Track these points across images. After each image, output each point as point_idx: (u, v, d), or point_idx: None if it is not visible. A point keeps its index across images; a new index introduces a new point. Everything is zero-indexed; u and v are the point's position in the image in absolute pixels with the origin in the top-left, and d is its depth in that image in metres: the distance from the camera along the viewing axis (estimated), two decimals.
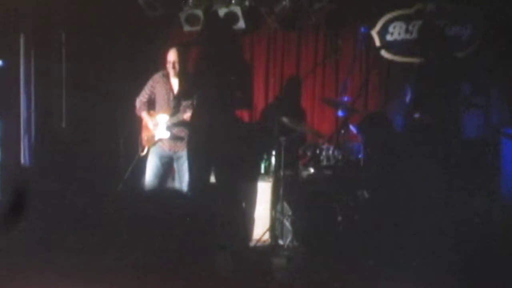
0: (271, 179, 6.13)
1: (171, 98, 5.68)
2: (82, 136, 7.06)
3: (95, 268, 4.74)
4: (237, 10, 6.84)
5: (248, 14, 6.90)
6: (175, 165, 5.73)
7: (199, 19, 6.99)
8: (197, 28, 7.05)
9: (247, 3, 6.87)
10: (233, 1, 6.86)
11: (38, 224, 5.75)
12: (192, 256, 5.36)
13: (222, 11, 6.89)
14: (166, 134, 5.65)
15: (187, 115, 5.48)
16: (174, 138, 5.65)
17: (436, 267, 4.72)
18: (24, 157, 7.00)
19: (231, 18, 6.82)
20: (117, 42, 6.88)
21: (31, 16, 6.72)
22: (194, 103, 5.19)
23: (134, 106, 5.94)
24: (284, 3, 6.67)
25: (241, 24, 6.89)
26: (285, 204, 5.92)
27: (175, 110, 5.63)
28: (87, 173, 6.84)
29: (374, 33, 6.64)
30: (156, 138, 5.70)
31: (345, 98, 6.28)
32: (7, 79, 6.86)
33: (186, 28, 7.09)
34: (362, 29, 6.57)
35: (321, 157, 6.03)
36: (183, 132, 5.64)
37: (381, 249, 5.14)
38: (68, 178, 7.01)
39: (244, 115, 7.10)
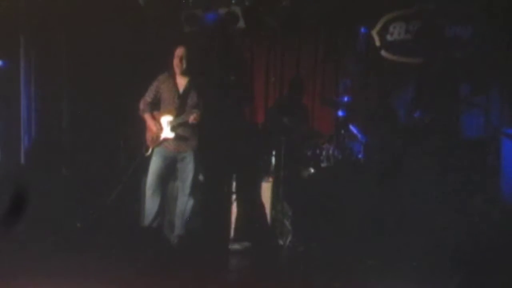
0: (271, 179, 6.13)
1: (177, 98, 5.67)
2: (82, 136, 7.06)
3: (96, 268, 4.75)
4: (237, 10, 6.84)
5: (248, 14, 6.90)
6: (178, 166, 5.71)
7: (199, 19, 6.99)
8: (197, 28, 7.05)
9: (247, 3, 6.87)
10: (233, 1, 6.86)
11: (38, 224, 5.75)
12: (193, 256, 5.38)
13: (222, 11, 6.89)
14: (171, 135, 5.64)
15: (193, 117, 5.47)
16: (179, 138, 5.64)
17: (436, 267, 4.72)
18: (24, 157, 7.01)
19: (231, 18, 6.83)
20: (117, 42, 6.87)
21: (31, 16, 6.71)
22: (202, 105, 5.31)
23: (135, 107, 5.92)
24: (284, 3, 6.67)
25: (241, 24, 6.89)
26: (285, 204, 5.92)
27: (180, 110, 5.62)
28: (87, 174, 6.84)
29: (374, 33, 6.64)
30: (161, 139, 5.68)
31: (345, 98, 6.28)
32: (7, 79, 6.86)
33: (186, 28, 7.09)
34: (362, 29, 6.57)
35: (321, 157, 6.04)
36: (187, 133, 5.63)
37: (381, 249, 5.15)
38: (68, 178, 7.02)
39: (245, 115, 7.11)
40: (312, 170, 6.08)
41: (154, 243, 5.35)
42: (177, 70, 5.67)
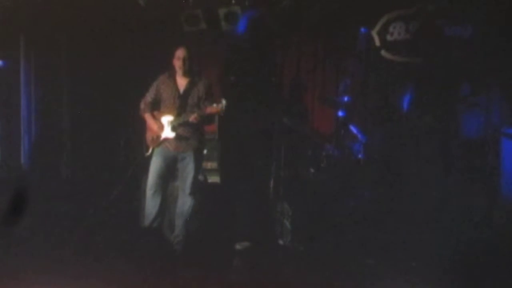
0: (271, 179, 6.13)
1: (177, 98, 5.67)
2: (82, 136, 7.07)
3: (95, 268, 4.75)
4: (237, 10, 6.84)
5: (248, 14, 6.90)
6: (178, 166, 5.71)
7: (199, 19, 6.99)
8: (197, 28, 7.05)
9: (247, 3, 6.87)
10: (233, 1, 6.86)
11: (38, 224, 5.75)
12: (193, 256, 5.38)
13: (222, 11, 6.89)
14: (171, 135, 5.64)
15: (193, 117, 5.47)
16: (179, 138, 5.64)
17: (436, 267, 4.72)
18: (24, 157, 7.01)
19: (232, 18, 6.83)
20: (117, 42, 6.88)
21: (31, 16, 6.72)
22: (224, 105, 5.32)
23: (135, 107, 5.92)
24: (284, 3, 6.67)
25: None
26: (285, 204, 5.93)
27: (181, 110, 5.62)
28: (87, 174, 6.85)
29: (374, 33, 6.64)
30: (161, 139, 5.68)
31: (345, 98, 6.28)
32: (7, 79, 6.87)
33: (186, 28, 7.09)
34: (362, 29, 6.57)
35: (321, 157, 6.05)
36: (188, 133, 5.63)
37: (381, 249, 5.15)
38: (68, 178, 7.03)
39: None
40: (312, 170, 6.08)
41: (154, 243, 5.35)
42: (179, 71, 5.67)
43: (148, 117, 5.77)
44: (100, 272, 4.64)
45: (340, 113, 6.25)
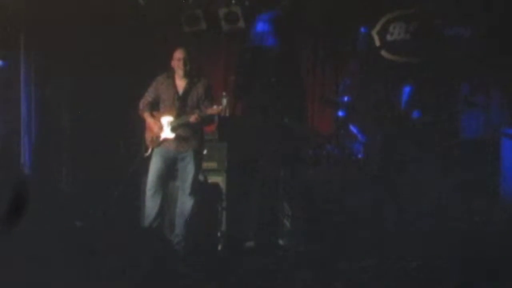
0: (270, 179, 6.13)
1: (176, 99, 5.67)
2: (82, 136, 7.07)
3: (96, 268, 4.75)
4: (237, 10, 6.84)
5: (248, 14, 6.90)
6: (178, 166, 5.71)
7: (199, 19, 6.99)
8: (197, 28, 7.05)
9: (247, 3, 6.87)
10: (233, 1, 6.86)
11: (38, 224, 5.75)
12: (193, 256, 5.38)
13: (222, 11, 6.89)
14: (171, 135, 5.64)
15: (194, 117, 5.47)
16: (179, 138, 5.63)
17: (436, 267, 4.72)
18: (24, 157, 7.01)
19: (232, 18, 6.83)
20: (117, 42, 6.88)
21: (31, 16, 6.72)
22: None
23: (135, 107, 5.92)
24: (284, 3, 6.67)
25: (241, 24, 6.89)
26: (285, 204, 5.93)
27: (180, 111, 5.62)
28: (87, 174, 6.85)
29: (374, 33, 6.64)
30: (161, 139, 5.68)
31: (345, 98, 6.28)
32: (7, 79, 6.87)
33: (186, 28, 7.09)
34: (362, 29, 6.58)
35: (321, 157, 6.05)
36: (188, 133, 5.62)
37: (381, 249, 5.15)
38: (69, 179, 7.03)
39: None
40: (312, 170, 6.08)
41: (154, 243, 5.35)
42: (179, 71, 5.66)
43: (147, 117, 5.76)
44: (99, 272, 4.63)
45: (340, 113, 6.25)
